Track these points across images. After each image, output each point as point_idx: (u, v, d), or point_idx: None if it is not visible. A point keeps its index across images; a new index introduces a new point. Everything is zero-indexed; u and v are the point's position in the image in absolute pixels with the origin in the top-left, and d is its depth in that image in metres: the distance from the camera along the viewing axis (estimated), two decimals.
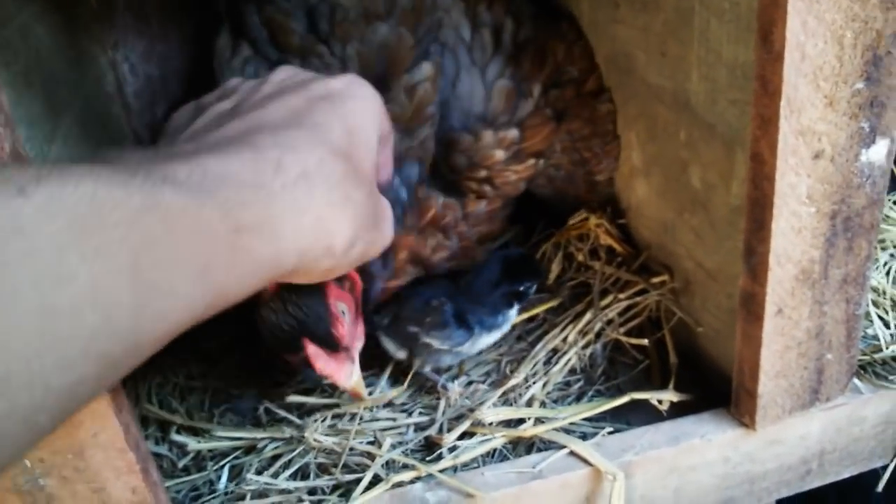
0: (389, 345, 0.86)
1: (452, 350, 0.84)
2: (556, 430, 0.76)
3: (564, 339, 0.87)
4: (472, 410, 0.81)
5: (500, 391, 0.83)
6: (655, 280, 0.88)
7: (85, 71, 1.07)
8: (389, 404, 0.86)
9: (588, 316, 0.88)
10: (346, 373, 0.72)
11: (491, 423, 0.78)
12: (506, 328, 0.88)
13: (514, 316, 0.88)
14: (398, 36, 0.81)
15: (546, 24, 0.93)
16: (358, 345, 0.74)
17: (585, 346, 0.86)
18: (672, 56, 0.80)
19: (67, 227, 0.36)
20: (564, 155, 0.91)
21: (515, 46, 0.89)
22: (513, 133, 0.84)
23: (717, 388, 0.78)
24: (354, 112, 0.56)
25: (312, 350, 0.70)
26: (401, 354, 0.86)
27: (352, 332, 0.73)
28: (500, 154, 0.84)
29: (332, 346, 0.71)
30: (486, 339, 0.87)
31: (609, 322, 0.88)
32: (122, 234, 0.38)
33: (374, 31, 0.82)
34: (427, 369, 0.86)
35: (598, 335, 0.87)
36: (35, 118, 0.81)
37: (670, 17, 0.79)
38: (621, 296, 0.88)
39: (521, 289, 0.87)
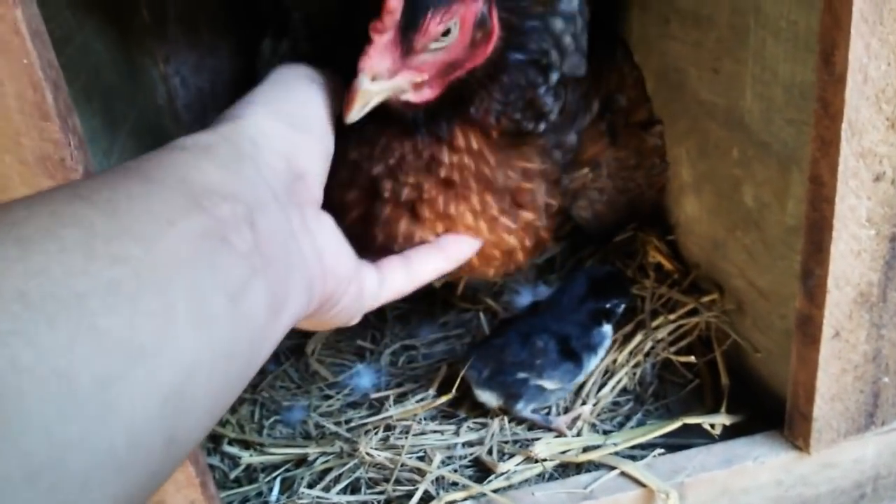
0: (488, 397, 0.84)
1: (565, 386, 0.83)
2: (608, 455, 0.76)
3: (615, 360, 0.86)
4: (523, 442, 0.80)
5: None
6: (706, 299, 0.87)
7: (138, 84, 1.10)
8: (439, 416, 0.86)
9: (638, 336, 0.88)
10: (379, 61, 0.58)
11: (545, 460, 0.78)
12: (607, 344, 0.87)
13: (609, 333, 0.87)
14: None
15: (601, 48, 0.92)
16: (410, 78, 0.60)
17: (636, 367, 0.86)
18: (725, 73, 0.80)
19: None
20: (609, 180, 0.89)
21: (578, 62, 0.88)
22: (572, 138, 0.81)
23: (770, 410, 0.77)
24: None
25: (394, 2, 0.56)
26: (499, 402, 0.84)
27: (429, 58, 0.60)
28: (557, 155, 0.80)
29: (413, 22, 0.57)
30: (594, 362, 0.85)
31: (659, 341, 0.87)
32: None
33: None
34: (528, 411, 0.84)
35: (647, 355, 0.87)
36: (95, 133, 0.83)
37: (724, 34, 0.78)
38: (672, 316, 0.88)
39: (608, 306, 0.86)
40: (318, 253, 0.54)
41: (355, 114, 0.58)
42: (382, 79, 0.58)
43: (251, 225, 0.46)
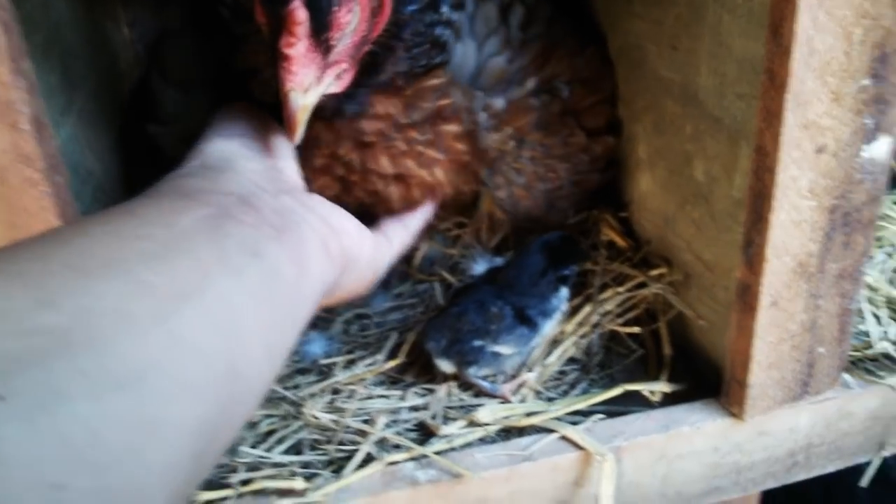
0: (446, 365, 0.84)
1: (520, 350, 0.84)
2: (549, 419, 0.77)
3: (562, 331, 0.88)
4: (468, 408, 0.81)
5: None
6: (654, 273, 0.89)
7: (101, 47, 1.08)
8: (386, 381, 0.87)
9: (587, 308, 0.89)
10: (305, 75, 0.57)
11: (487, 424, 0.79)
12: (563, 308, 0.88)
13: (566, 296, 0.88)
14: None
15: (558, 33, 0.94)
16: (332, 76, 0.61)
17: (583, 337, 0.87)
18: (683, 50, 0.81)
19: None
20: (531, 164, 0.89)
21: (523, 34, 0.89)
22: (499, 103, 0.83)
23: (710, 380, 0.79)
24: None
25: (299, 11, 0.55)
26: (453, 369, 0.84)
27: (340, 49, 0.60)
28: (482, 117, 0.82)
29: (322, 22, 0.56)
30: (548, 326, 0.86)
31: (606, 314, 0.89)
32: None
33: None
34: (479, 376, 0.84)
35: (595, 326, 0.88)
36: (52, 90, 0.82)
37: (683, 11, 0.80)
38: (620, 289, 0.89)
39: (567, 272, 0.87)
40: (322, 219, 0.58)
41: (300, 132, 0.59)
42: (313, 87, 0.59)
43: (250, 205, 0.51)
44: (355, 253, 0.62)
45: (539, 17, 0.92)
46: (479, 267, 1.03)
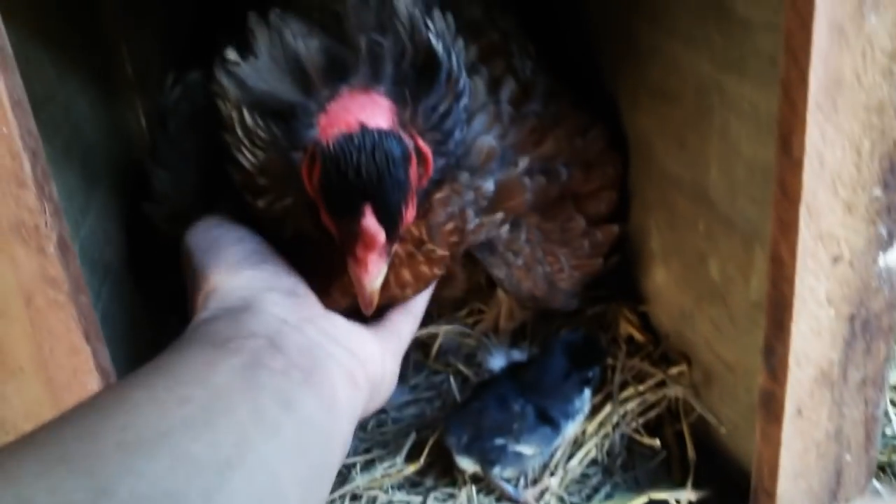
0: (466, 463, 0.83)
1: (542, 451, 0.83)
2: None
3: (583, 431, 0.87)
4: None
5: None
6: (674, 370, 0.88)
7: (118, 139, 1.10)
8: (406, 485, 0.86)
9: (608, 408, 0.88)
10: (378, 270, 0.60)
11: None
12: (586, 409, 0.87)
13: (588, 398, 0.87)
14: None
15: (568, 113, 0.92)
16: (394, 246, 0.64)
17: (605, 438, 0.86)
18: (691, 148, 0.82)
19: None
20: (527, 245, 0.86)
21: (514, 110, 0.85)
22: (488, 185, 0.80)
23: (736, 485, 0.77)
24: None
25: (372, 223, 0.57)
26: (476, 468, 0.83)
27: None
28: (469, 196, 0.78)
29: (393, 226, 0.58)
30: (570, 428, 0.85)
31: (627, 413, 0.88)
32: None
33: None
34: (503, 477, 0.83)
35: (616, 426, 0.87)
36: (72, 191, 0.83)
37: (689, 110, 0.81)
38: (641, 387, 0.88)
39: (591, 375, 0.86)
40: (346, 349, 0.59)
41: (374, 306, 0.64)
42: (382, 272, 0.62)
43: (278, 348, 0.53)
44: (379, 376, 0.63)
45: (536, 92, 0.90)
46: (496, 360, 1.02)
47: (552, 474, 0.83)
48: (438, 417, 0.94)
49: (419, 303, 0.76)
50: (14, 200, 0.50)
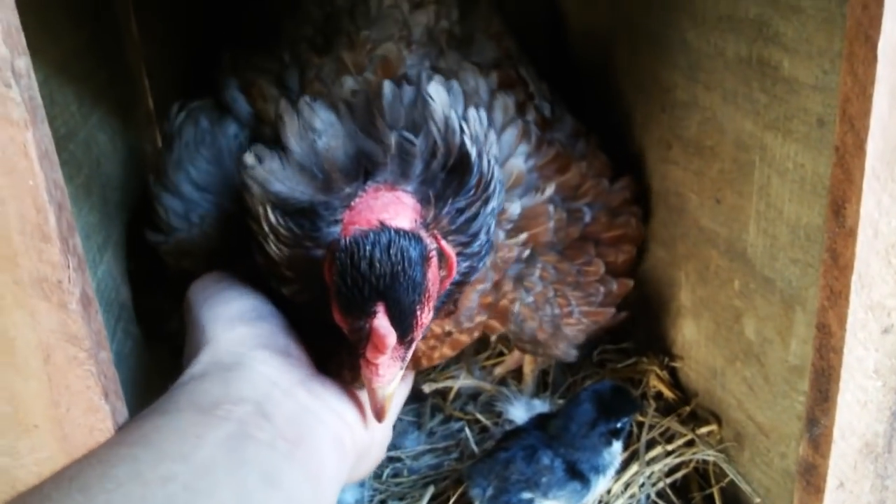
0: None
1: None
2: None
3: (609, 491, 0.84)
4: None
5: None
6: (704, 430, 0.86)
7: (138, 173, 1.09)
8: None
9: (634, 467, 0.85)
10: (391, 374, 0.57)
11: None
12: (617, 464, 0.83)
13: (619, 451, 0.83)
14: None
15: (596, 154, 0.91)
16: (413, 349, 0.61)
17: (631, 497, 0.83)
18: (728, 204, 0.80)
19: None
20: (540, 283, 0.84)
21: (541, 133, 0.84)
22: (515, 208, 0.78)
23: None
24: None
25: (383, 324, 0.54)
26: None
27: (426, 326, 0.59)
28: (515, 209, 0.78)
29: (406, 328, 0.56)
30: (603, 484, 0.82)
31: (654, 474, 0.85)
32: None
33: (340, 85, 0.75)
34: None
35: (641, 486, 0.84)
36: (91, 230, 0.81)
37: (727, 166, 0.79)
38: (669, 447, 0.86)
39: (619, 426, 0.82)
40: (335, 414, 0.58)
41: (390, 415, 0.62)
42: (397, 377, 0.59)
43: (265, 416, 0.51)
44: (367, 443, 0.62)
45: (560, 125, 0.89)
46: (517, 410, 0.99)
47: None
48: (457, 469, 0.92)
49: (402, 390, 0.75)
50: (37, 254, 0.48)
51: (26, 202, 0.47)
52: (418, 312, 0.55)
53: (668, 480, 0.85)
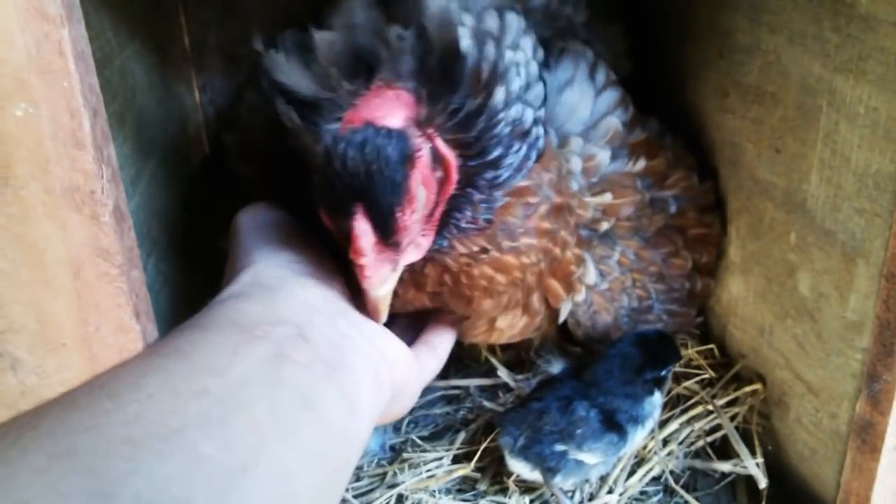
0: (521, 467, 0.77)
1: (606, 460, 0.76)
2: None
3: (646, 447, 0.81)
4: None
5: None
6: (747, 389, 0.82)
7: (172, 112, 1.07)
8: (452, 490, 0.81)
9: (673, 425, 0.83)
10: (379, 275, 0.57)
11: None
12: (657, 415, 0.79)
13: (659, 401, 0.79)
14: None
15: (684, 151, 0.89)
16: (411, 254, 0.60)
17: (668, 455, 0.80)
18: (788, 153, 0.76)
19: None
20: (619, 267, 0.79)
21: (635, 115, 0.82)
22: (604, 156, 0.75)
23: None
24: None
25: (360, 225, 0.54)
26: (534, 476, 0.77)
27: (414, 229, 0.58)
28: (576, 163, 0.74)
29: (387, 229, 0.55)
30: (641, 435, 0.78)
31: (693, 432, 0.82)
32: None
33: None
34: (561, 487, 0.77)
35: (680, 443, 0.81)
36: (124, 160, 0.79)
37: (790, 113, 0.75)
38: (709, 406, 0.83)
39: (664, 373, 0.78)
40: (376, 348, 0.57)
41: (383, 315, 0.61)
42: (389, 278, 0.59)
43: (305, 339, 0.49)
44: (403, 382, 0.60)
45: (649, 122, 0.86)
46: (555, 367, 0.96)
47: (610, 491, 0.78)
48: (482, 415, 0.89)
49: (445, 342, 0.73)
50: (70, 162, 0.45)
51: (60, 105, 0.44)
52: (399, 214, 0.54)
53: (709, 439, 0.82)
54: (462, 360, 0.99)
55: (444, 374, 0.98)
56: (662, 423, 0.83)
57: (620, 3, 1.00)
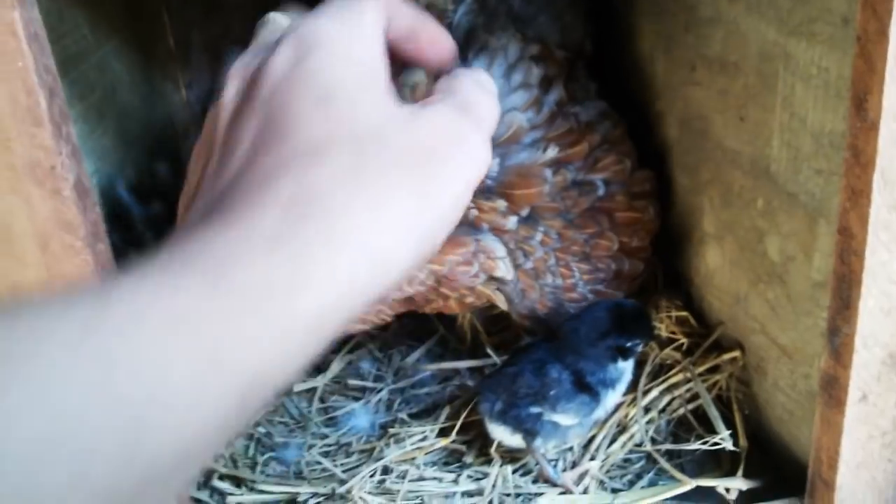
0: (501, 432, 0.78)
1: (582, 422, 0.78)
2: None
3: (627, 415, 0.82)
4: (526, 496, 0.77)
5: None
6: (726, 357, 0.83)
7: (157, 108, 1.09)
8: (437, 463, 0.83)
9: (654, 392, 0.84)
10: None
11: None
12: (626, 380, 0.80)
13: (628, 369, 0.80)
14: None
15: (623, 139, 0.91)
16: None
17: (649, 423, 0.82)
18: (752, 121, 0.77)
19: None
20: (541, 248, 0.82)
21: (558, 108, 0.84)
22: (492, 165, 0.77)
23: (791, 476, 0.73)
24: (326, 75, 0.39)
25: None
26: (514, 441, 0.79)
27: None
28: None
29: None
30: (613, 398, 0.80)
31: (675, 398, 0.83)
32: (72, 352, 0.32)
33: None
34: (543, 453, 0.79)
35: (662, 411, 0.82)
36: (104, 151, 0.81)
37: (751, 80, 0.76)
38: (689, 374, 0.84)
39: (629, 345, 0.79)
40: None
41: None
42: None
43: None
44: None
45: (586, 104, 0.89)
46: None
47: (593, 458, 0.79)
48: (469, 389, 0.91)
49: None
50: (29, 139, 0.47)
51: (16, 84, 0.47)
52: None
53: (690, 407, 0.83)
54: (449, 343, 1.01)
55: (435, 357, 1.00)
56: (644, 392, 0.84)
57: None
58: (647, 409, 0.83)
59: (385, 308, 0.81)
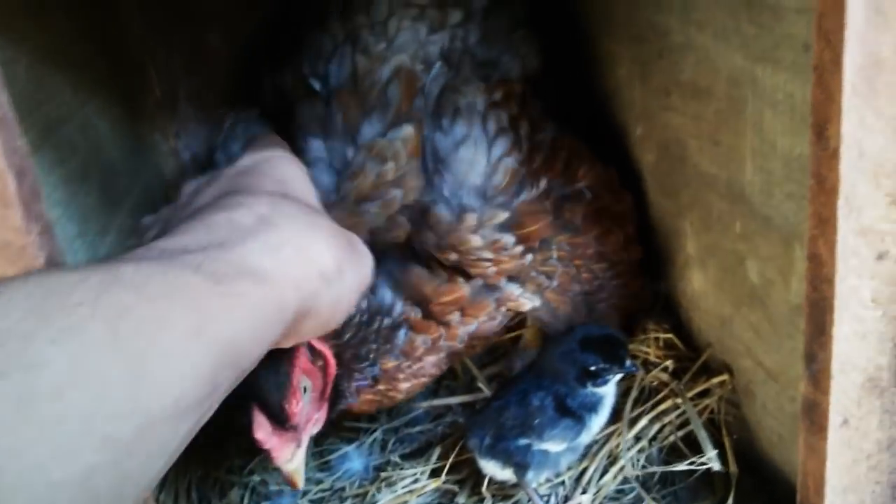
0: (492, 467, 0.79)
1: (570, 447, 0.79)
2: None
3: (618, 445, 0.82)
4: None
5: None
6: (716, 380, 0.83)
7: (145, 159, 1.10)
8: (431, 502, 0.83)
9: (644, 420, 0.84)
10: (285, 453, 0.68)
11: None
12: (608, 403, 0.81)
13: (607, 394, 0.80)
14: None
15: (582, 148, 0.92)
16: (311, 428, 0.72)
17: (640, 452, 0.82)
18: (725, 145, 0.77)
19: (24, 317, 0.36)
20: (559, 264, 0.84)
21: (530, 141, 0.86)
22: (503, 216, 0.79)
23: (781, 499, 0.72)
24: (275, 165, 0.68)
25: (257, 418, 0.66)
26: (506, 475, 0.79)
27: (308, 412, 0.70)
28: (476, 240, 0.78)
29: (281, 420, 0.67)
30: (598, 421, 0.80)
31: (665, 425, 0.83)
32: (89, 311, 0.39)
33: None
34: (535, 487, 0.80)
35: (653, 440, 0.82)
36: (89, 212, 0.82)
37: (722, 105, 0.76)
38: (678, 399, 0.84)
39: (593, 368, 0.79)
40: None
41: (300, 482, 0.71)
42: (296, 453, 0.69)
43: None
44: None
45: (548, 128, 0.91)
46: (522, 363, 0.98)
47: (584, 491, 0.79)
48: (460, 428, 0.91)
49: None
50: (0, 221, 0.48)
51: None
52: (287, 407, 0.66)
53: (680, 434, 0.83)
54: (442, 379, 1.01)
55: (428, 392, 1.00)
56: (633, 421, 0.84)
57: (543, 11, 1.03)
58: (637, 438, 0.83)
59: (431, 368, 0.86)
